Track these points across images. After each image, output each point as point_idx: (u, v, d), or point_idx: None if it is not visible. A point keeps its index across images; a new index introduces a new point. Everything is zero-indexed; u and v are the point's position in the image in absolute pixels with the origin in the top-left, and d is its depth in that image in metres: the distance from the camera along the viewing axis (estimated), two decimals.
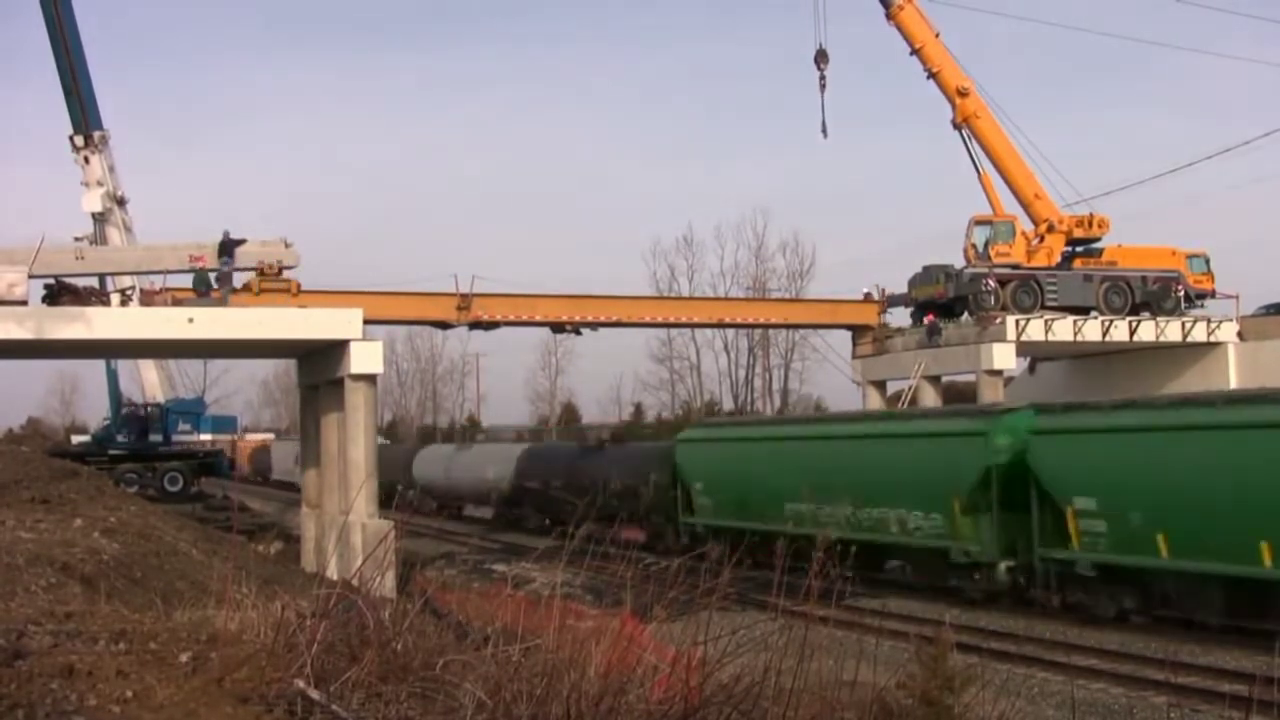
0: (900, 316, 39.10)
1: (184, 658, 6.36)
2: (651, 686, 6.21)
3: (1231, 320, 37.48)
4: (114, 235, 39.41)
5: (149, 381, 46.68)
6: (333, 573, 14.15)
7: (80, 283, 27.79)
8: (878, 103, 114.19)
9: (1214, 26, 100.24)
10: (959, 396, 38.10)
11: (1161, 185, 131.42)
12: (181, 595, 10.26)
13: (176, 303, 26.43)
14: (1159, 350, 36.54)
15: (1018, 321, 34.31)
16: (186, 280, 28.11)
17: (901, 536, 22.77)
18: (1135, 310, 36.80)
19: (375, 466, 26.03)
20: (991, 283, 35.15)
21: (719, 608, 6.46)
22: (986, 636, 18.47)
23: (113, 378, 47.22)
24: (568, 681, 5.67)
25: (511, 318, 34.92)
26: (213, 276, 27.11)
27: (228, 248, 27.23)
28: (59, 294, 26.29)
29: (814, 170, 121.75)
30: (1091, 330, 35.39)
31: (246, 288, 29.13)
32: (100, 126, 40.02)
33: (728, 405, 68.31)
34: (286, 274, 29.18)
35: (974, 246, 36.35)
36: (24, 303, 24.43)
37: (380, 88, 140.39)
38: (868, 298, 38.93)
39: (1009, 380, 38.52)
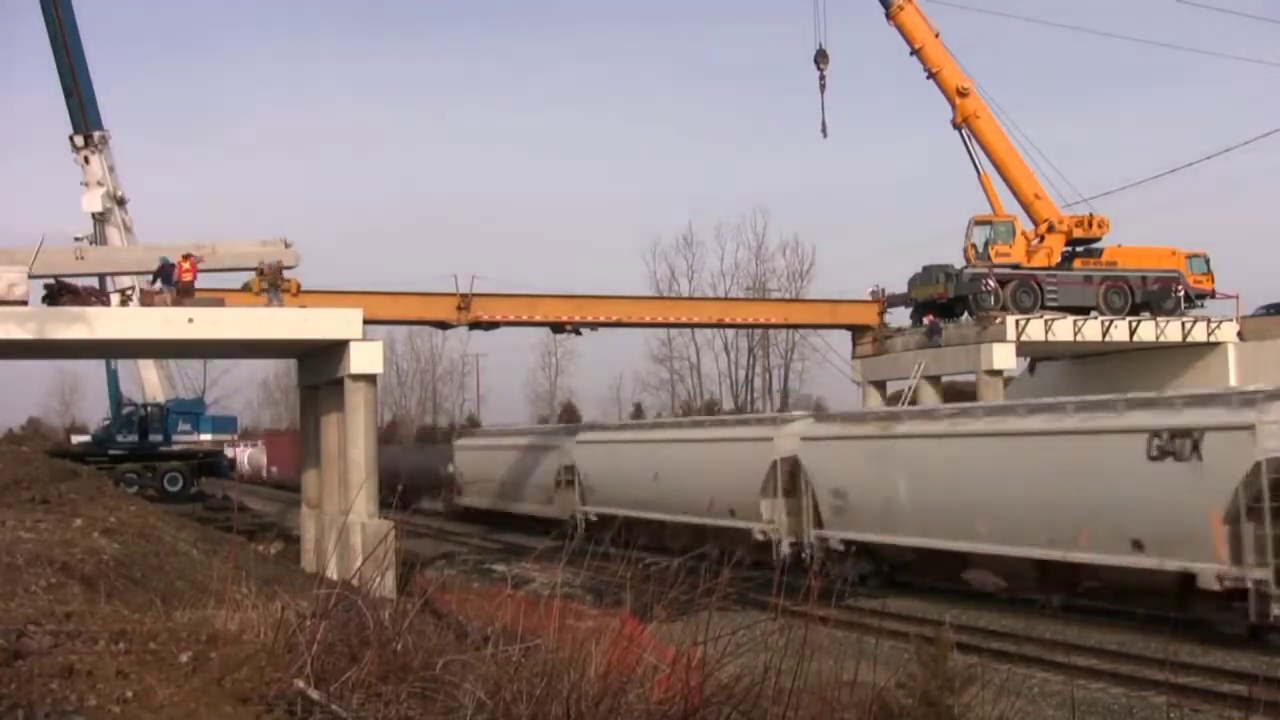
0: (900, 316, 39.18)
1: (184, 658, 6.35)
2: (651, 686, 6.20)
3: (1231, 320, 37.48)
4: (114, 235, 39.42)
5: (149, 381, 46.65)
6: (333, 573, 14.14)
7: (80, 283, 27.78)
8: (878, 103, 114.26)
9: (1214, 27, 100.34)
10: (959, 396, 38.11)
11: (1162, 185, 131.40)
12: (181, 595, 10.26)
13: (173, 304, 26.40)
14: (1159, 350, 36.54)
15: (1018, 321, 34.31)
16: None
17: None
18: (1135, 310, 36.81)
19: (375, 466, 26.04)
20: (991, 283, 35.15)
21: (719, 608, 6.46)
22: (986, 636, 18.47)
23: (113, 378, 47.20)
24: (568, 681, 5.67)
25: (511, 318, 34.94)
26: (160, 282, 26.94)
27: (165, 273, 26.79)
28: (59, 294, 26.27)
29: (814, 170, 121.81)
30: (1091, 330, 35.40)
31: (246, 288, 29.13)
32: (100, 127, 40.03)
33: (728, 405, 68.31)
34: (286, 274, 29.17)
35: (974, 246, 36.36)
36: (24, 303, 24.42)
37: (380, 87, 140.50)
38: (874, 295, 38.90)
39: (1009, 380, 38.53)
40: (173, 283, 26.32)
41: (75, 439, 61.19)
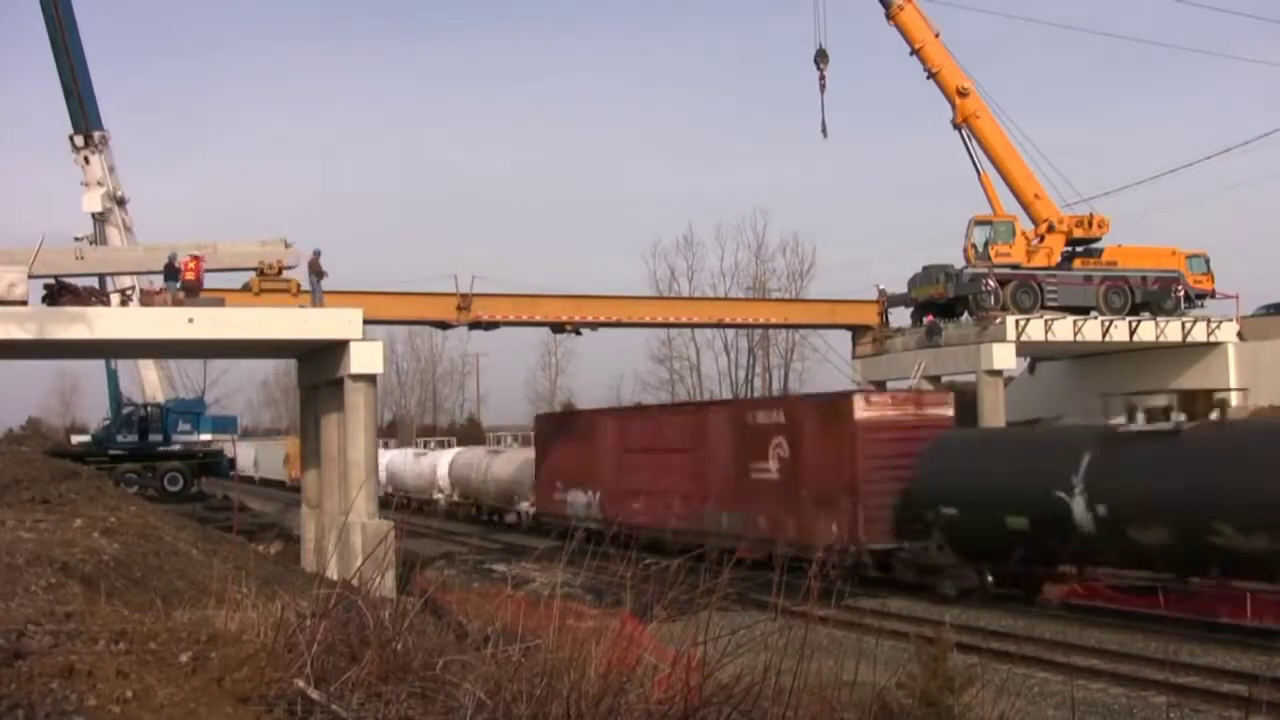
0: (900, 316, 39.17)
1: (184, 658, 6.35)
2: (651, 686, 6.20)
3: (1231, 320, 37.49)
4: (114, 235, 39.48)
5: (149, 381, 46.70)
6: (333, 573, 14.13)
7: (80, 283, 27.78)
8: (878, 103, 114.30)
9: (1213, 27, 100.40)
10: (959, 396, 38.10)
11: (1161, 185, 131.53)
12: (181, 595, 10.24)
13: (177, 303, 26.41)
14: (1159, 350, 36.54)
15: (1018, 321, 34.32)
16: None
17: None
18: (1135, 310, 36.81)
19: (375, 466, 26.03)
20: (991, 283, 35.15)
21: (719, 608, 6.45)
22: (986, 636, 18.47)
23: (113, 378, 47.25)
24: (568, 681, 5.67)
25: (511, 318, 34.92)
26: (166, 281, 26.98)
27: (171, 272, 26.79)
28: (59, 294, 26.27)
29: (814, 170, 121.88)
30: (1091, 330, 35.40)
31: (246, 288, 29.14)
32: (100, 126, 40.10)
33: None
34: (286, 274, 29.18)
35: (974, 246, 36.36)
36: (24, 303, 24.42)
37: (380, 87, 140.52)
38: (881, 293, 38.89)
39: (1009, 380, 38.53)
40: (177, 281, 26.40)
41: (75, 439, 61.24)
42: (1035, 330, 34.51)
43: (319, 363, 27.89)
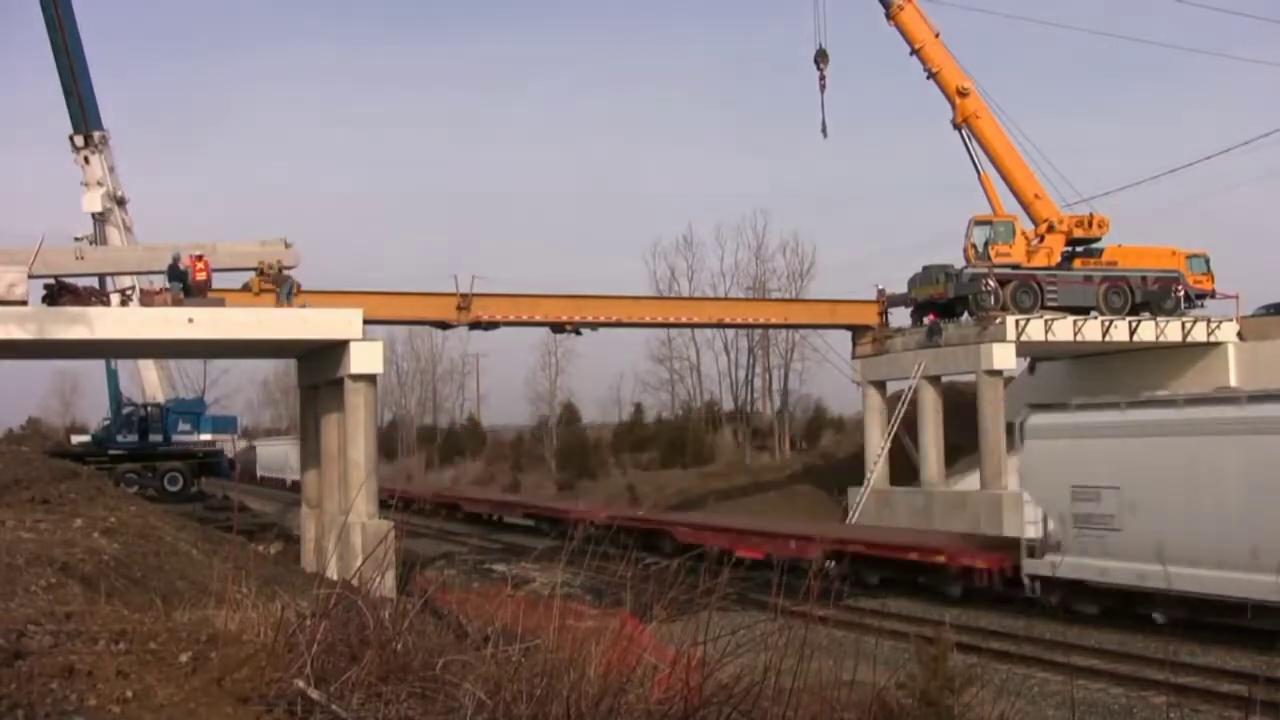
0: (900, 316, 39.16)
1: (184, 658, 6.34)
2: (651, 686, 6.19)
3: (1231, 320, 37.48)
4: (114, 235, 39.51)
5: (149, 381, 46.70)
6: (333, 573, 14.12)
7: (80, 283, 27.78)
8: (878, 102, 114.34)
9: (1213, 27, 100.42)
10: (959, 396, 38.12)
11: (1161, 185, 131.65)
12: (181, 595, 10.24)
13: (177, 303, 26.40)
14: (1159, 350, 36.53)
15: (1018, 321, 34.32)
16: None
17: None
18: (1135, 310, 36.81)
19: (375, 466, 26.02)
20: (991, 283, 35.14)
21: (719, 608, 6.45)
22: (986, 636, 18.49)
23: (113, 378, 47.24)
24: (568, 681, 5.66)
25: (511, 318, 34.92)
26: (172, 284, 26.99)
27: (175, 272, 26.78)
28: (59, 294, 26.27)
29: (814, 170, 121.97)
30: (1091, 330, 35.40)
31: (246, 288, 29.14)
32: (100, 127, 40.11)
33: (728, 405, 68.22)
34: (286, 274, 29.17)
35: (974, 246, 36.36)
36: (24, 303, 24.42)
37: (380, 87, 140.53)
38: (880, 294, 38.89)
39: (1009, 380, 38.53)
40: (182, 281, 26.40)
41: (75, 439, 61.21)
42: (1035, 330, 34.51)
43: (319, 363, 27.88)
